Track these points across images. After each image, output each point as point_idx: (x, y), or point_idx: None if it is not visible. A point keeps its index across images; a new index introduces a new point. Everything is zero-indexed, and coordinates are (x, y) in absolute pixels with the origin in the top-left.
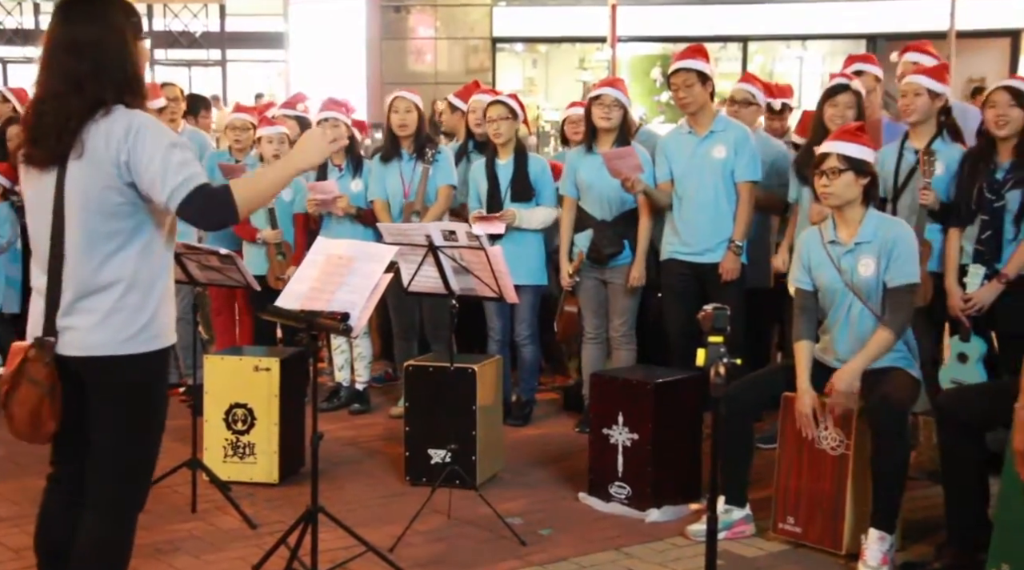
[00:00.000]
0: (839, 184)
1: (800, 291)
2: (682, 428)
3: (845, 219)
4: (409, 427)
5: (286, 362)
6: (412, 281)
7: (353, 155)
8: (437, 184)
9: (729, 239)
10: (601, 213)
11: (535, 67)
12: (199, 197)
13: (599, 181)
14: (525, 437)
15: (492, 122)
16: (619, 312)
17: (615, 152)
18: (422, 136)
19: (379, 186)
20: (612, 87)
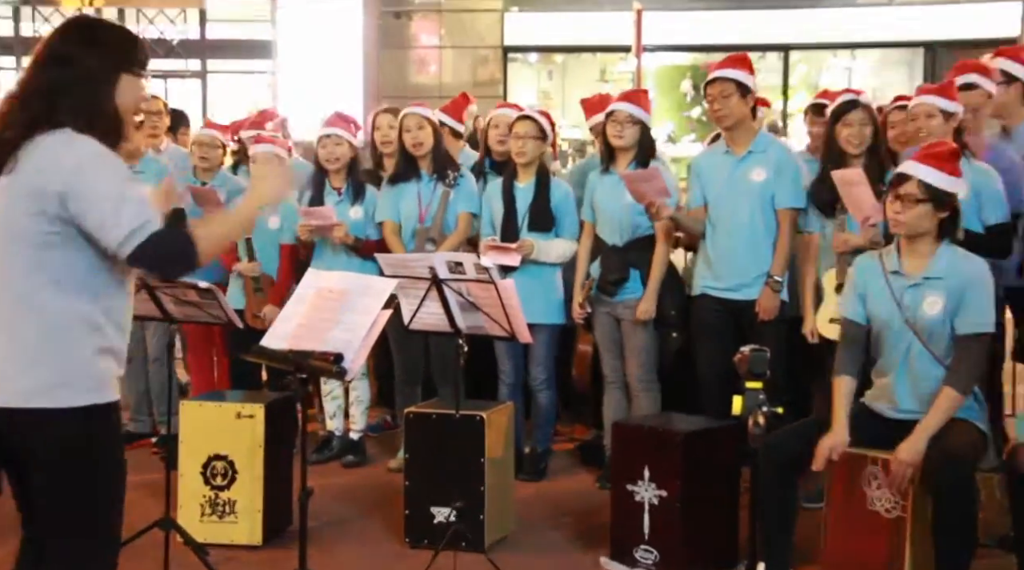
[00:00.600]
0: (912, 215)
1: (849, 322)
2: (716, 484)
3: (914, 249)
4: (409, 482)
5: (271, 408)
6: (414, 318)
7: (354, 178)
8: (457, 210)
9: (767, 273)
10: (612, 238)
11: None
12: (154, 245)
13: (612, 203)
14: (539, 493)
15: (518, 139)
16: (634, 352)
17: (637, 174)
18: (441, 154)
19: (390, 206)
20: (628, 102)
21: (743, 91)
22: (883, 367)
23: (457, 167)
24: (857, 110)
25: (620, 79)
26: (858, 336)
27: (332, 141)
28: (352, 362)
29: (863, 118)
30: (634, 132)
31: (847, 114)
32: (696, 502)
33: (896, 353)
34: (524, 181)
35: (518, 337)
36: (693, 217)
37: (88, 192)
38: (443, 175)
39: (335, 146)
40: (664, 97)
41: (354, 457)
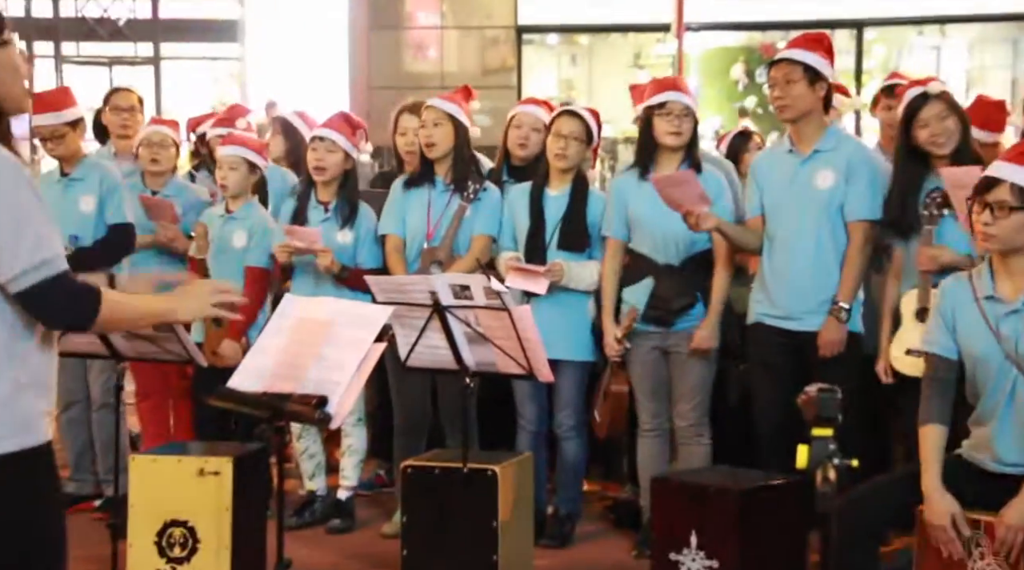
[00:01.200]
0: (1007, 225)
1: (936, 358)
2: (778, 553)
3: (1010, 269)
4: (407, 550)
5: (241, 463)
6: (411, 353)
7: (347, 195)
8: (473, 231)
9: (832, 299)
10: (665, 256)
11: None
12: (54, 289)
13: (659, 214)
14: (565, 563)
15: (560, 138)
16: (688, 392)
17: (667, 178)
18: (464, 160)
19: (396, 217)
20: (679, 90)
21: (812, 77)
22: (982, 413)
23: (481, 178)
24: (930, 104)
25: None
26: (948, 375)
27: (325, 146)
28: (338, 406)
29: (938, 112)
30: (690, 128)
31: (918, 112)
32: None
33: (997, 394)
34: (557, 189)
35: (536, 375)
36: (749, 229)
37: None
38: (462, 185)
39: (327, 153)
40: (711, 85)
41: (341, 521)
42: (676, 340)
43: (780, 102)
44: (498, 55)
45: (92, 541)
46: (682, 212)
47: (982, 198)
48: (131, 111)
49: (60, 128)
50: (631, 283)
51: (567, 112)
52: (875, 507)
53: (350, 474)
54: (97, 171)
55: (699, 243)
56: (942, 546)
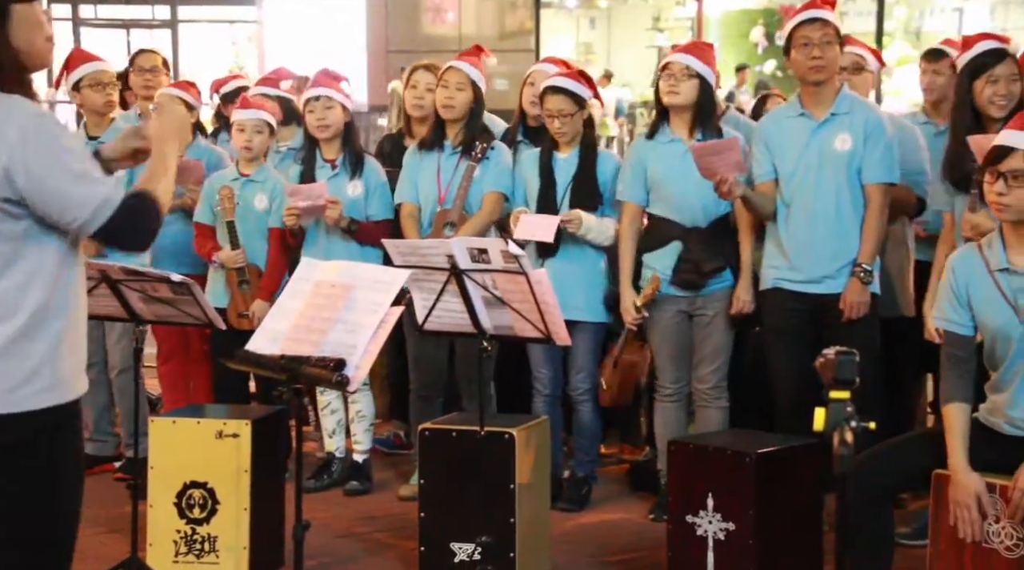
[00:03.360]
0: (1023, 194)
1: (952, 335)
2: (795, 515)
3: (1022, 238)
4: (425, 513)
5: (260, 426)
6: (429, 317)
7: (351, 147)
8: (483, 189)
9: (854, 261)
10: (692, 219)
11: (593, 28)
12: (123, 216)
13: (681, 176)
14: (581, 526)
15: (551, 117)
16: (711, 355)
17: (710, 146)
18: (476, 124)
19: (410, 184)
20: (686, 52)
21: (841, 41)
22: (1001, 380)
23: (490, 138)
24: (1005, 63)
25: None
26: (965, 350)
27: (322, 104)
28: (356, 369)
29: (1011, 73)
30: (691, 87)
31: (992, 68)
32: (770, 537)
33: (1017, 364)
34: (566, 151)
35: (554, 339)
36: (762, 194)
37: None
38: (470, 147)
39: (325, 110)
40: (730, 48)
41: (358, 483)
42: (703, 303)
43: (819, 62)
44: (516, 19)
45: (112, 502)
46: (715, 180)
47: (994, 168)
48: (154, 72)
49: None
50: (652, 249)
51: (551, 89)
52: (891, 469)
53: (362, 438)
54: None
55: (723, 205)
56: (963, 524)
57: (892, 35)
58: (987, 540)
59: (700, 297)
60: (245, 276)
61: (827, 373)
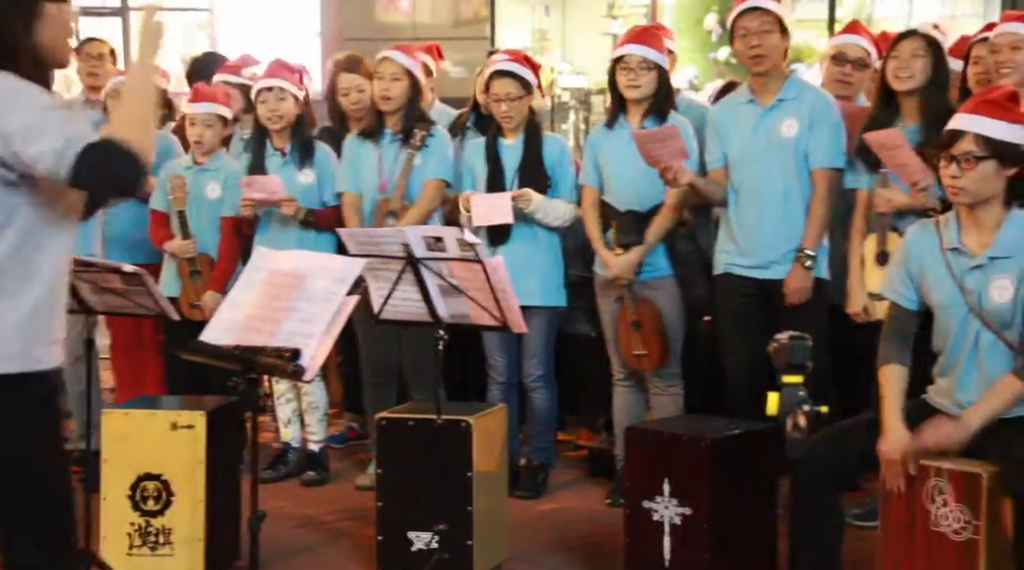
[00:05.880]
0: (974, 177)
1: (898, 308)
2: (750, 499)
3: (977, 222)
4: (382, 502)
5: (215, 417)
6: (385, 306)
7: (301, 137)
8: (424, 177)
9: (799, 247)
10: (627, 203)
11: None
12: (92, 157)
13: (626, 166)
14: (538, 514)
15: (499, 102)
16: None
17: (651, 133)
18: (414, 112)
19: (351, 174)
20: (640, 42)
21: (782, 28)
22: (947, 362)
23: (428, 125)
24: (911, 39)
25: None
26: (907, 324)
27: (274, 95)
28: (311, 359)
29: (916, 47)
30: (651, 80)
31: (898, 44)
32: (726, 521)
33: (961, 344)
34: (512, 138)
35: (510, 326)
36: (712, 181)
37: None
38: (409, 135)
39: (278, 101)
40: (685, 35)
41: (315, 473)
42: (642, 290)
43: (757, 51)
44: (471, 7)
45: None
46: (659, 168)
47: (947, 152)
48: (100, 59)
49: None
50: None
51: (498, 73)
52: (842, 452)
53: (316, 428)
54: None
55: (660, 192)
56: (889, 480)
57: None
58: (936, 523)
59: (638, 284)
60: (196, 266)
61: (780, 358)
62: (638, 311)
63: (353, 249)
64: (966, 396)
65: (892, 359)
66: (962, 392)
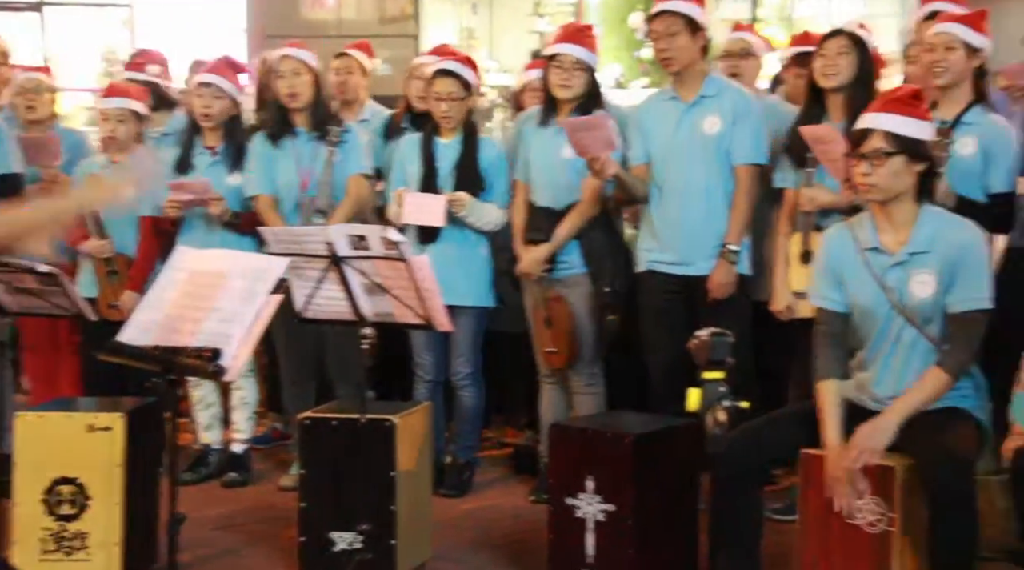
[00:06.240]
0: (885, 173)
1: (827, 312)
2: (672, 495)
3: (892, 219)
4: (305, 502)
5: (133, 418)
6: (308, 305)
7: (234, 138)
8: (344, 173)
9: (722, 243)
10: (544, 201)
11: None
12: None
13: (551, 162)
14: (463, 512)
15: (440, 101)
16: None
17: (582, 121)
18: (322, 108)
19: (264, 176)
20: (572, 42)
21: (693, 28)
22: (867, 358)
23: (340, 121)
24: (837, 38)
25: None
26: (838, 327)
27: (211, 92)
28: (232, 359)
29: (842, 46)
30: (582, 81)
31: (824, 43)
32: (649, 517)
33: (883, 341)
34: (449, 137)
35: (435, 325)
36: (637, 177)
37: None
38: (324, 132)
39: (214, 98)
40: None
41: (237, 474)
42: (559, 288)
43: (665, 54)
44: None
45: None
46: (587, 157)
47: (858, 151)
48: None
49: None
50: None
51: (440, 72)
52: (759, 447)
53: (243, 427)
54: None
55: (578, 191)
56: (837, 498)
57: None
58: (851, 516)
59: (556, 281)
60: (114, 266)
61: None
62: (549, 308)
63: (275, 248)
64: (882, 391)
65: (828, 373)
66: (878, 387)
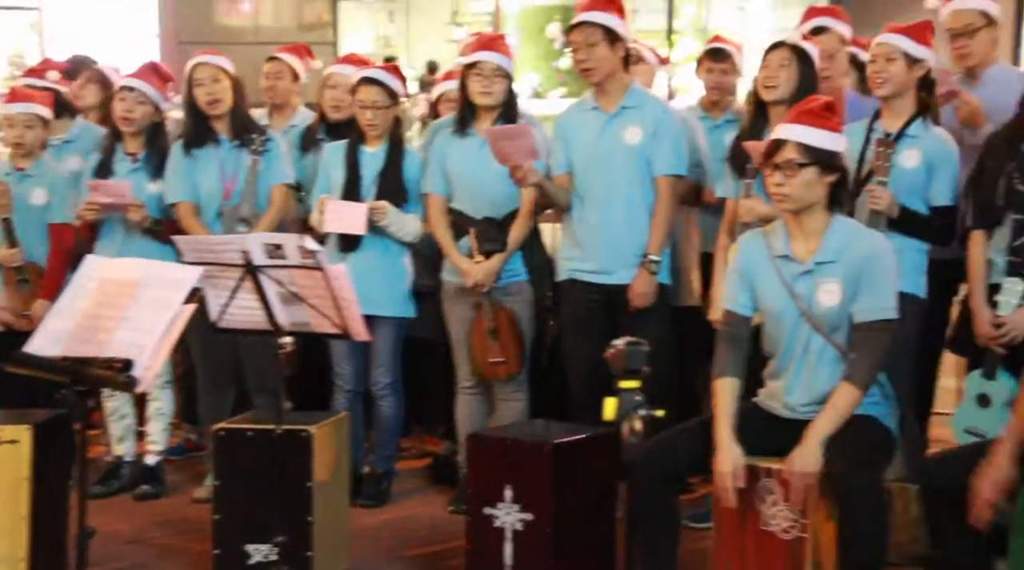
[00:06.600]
0: (798, 183)
1: (731, 314)
2: (590, 504)
3: (803, 228)
4: (219, 514)
5: (41, 431)
6: (223, 314)
7: (157, 146)
8: (268, 182)
9: (643, 253)
10: (484, 210)
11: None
12: None
13: (479, 171)
14: (381, 522)
15: (364, 109)
16: None
17: (503, 130)
18: (242, 114)
19: (184, 183)
20: (491, 50)
21: (612, 38)
22: (778, 365)
23: (262, 129)
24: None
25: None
26: (741, 330)
27: (134, 97)
28: (145, 370)
29: (783, 58)
30: (503, 88)
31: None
32: (567, 525)
33: (793, 348)
34: (374, 146)
35: (351, 334)
36: (559, 186)
37: None
38: (248, 140)
39: (136, 103)
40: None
41: (150, 487)
42: (500, 297)
43: (584, 65)
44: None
45: None
46: (510, 165)
47: (771, 161)
48: None
49: None
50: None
51: (365, 80)
52: (675, 455)
53: (158, 438)
54: None
55: (515, 201)
56: (722, 495)
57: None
58: (766, 523)
59: (499, 290)
60: (24, 275)
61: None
62: (496, 318)
63: (190, 257)
64: (794, 399)
65: (727, 371)
66: (789, 395)
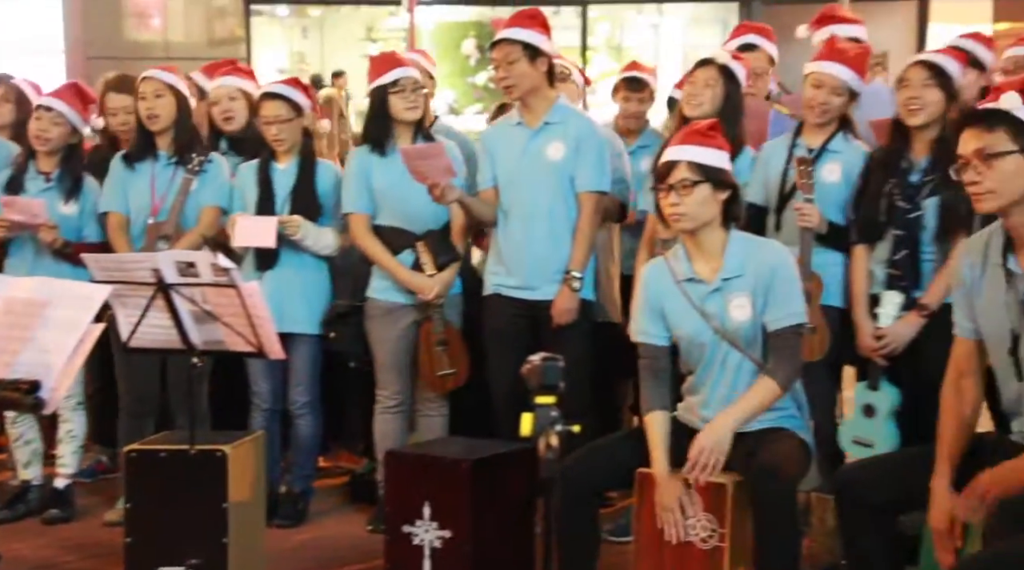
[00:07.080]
0: (692, 202)
1: (648, 347)
2: (509, 520)
3: (702, 248)
4: (131, 537)
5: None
6: (134, 333)
7: (71, 166)
8: (200, 203)
9: (566, 269)
10: (424, 224)
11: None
12: None
13: (408, 184)
14: (298, 543)
15: (268, 124)
16: None
17: (417, 150)
18: (185, 131)
19: (118, 194)
20: (413, 65)
21: (532, 54)
22: (696, 382)
23: (205, 149)
24: (705, 67)
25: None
26: (661, 361)
27: (50, 117)
28: (52, 391)
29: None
30: (424, 101)
31: (693, 72)
32: (486, 542)
33: (711, 366)
34: (284, 162)
35: (266, 352)
36: (483, 201)
37: None
38: (186, 158)
39: (52, 124)
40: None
41: (59, 511)
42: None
43: (505, 82)
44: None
45: None
46: (428, 184)
47: (665, 182)
48: None
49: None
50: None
51: (266, 95)
52: (594, 469)
53: (69, 461)
54: None
55: (444, 216)
56: (669, 526)
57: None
58: (685, 533)
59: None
60: None
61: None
62: (446, 330)
63: (99, 276)
64: (710, 412)
65: (654, 405)
66: (706, 409)
